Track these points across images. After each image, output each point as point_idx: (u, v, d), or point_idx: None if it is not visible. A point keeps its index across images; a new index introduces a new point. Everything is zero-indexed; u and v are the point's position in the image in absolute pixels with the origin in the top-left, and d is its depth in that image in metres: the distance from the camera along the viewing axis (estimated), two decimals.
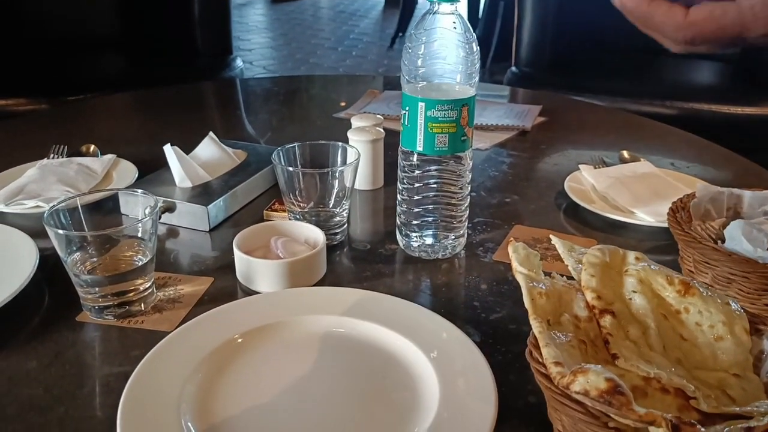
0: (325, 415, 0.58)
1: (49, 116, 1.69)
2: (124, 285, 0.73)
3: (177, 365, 0.61)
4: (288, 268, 0.76)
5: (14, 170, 1.09)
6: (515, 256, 0.59)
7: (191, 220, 0.94)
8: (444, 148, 0.78)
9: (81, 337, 0.70)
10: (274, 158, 0.87)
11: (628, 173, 1.04)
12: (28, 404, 0.60)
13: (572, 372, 0.46)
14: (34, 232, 0.85)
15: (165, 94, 1.74)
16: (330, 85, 2.02)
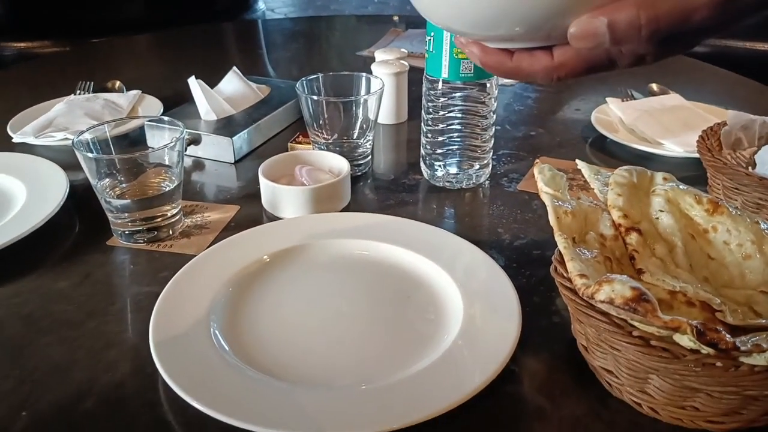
0: (350, 331, 0.59)
1: (73, 56, 1.69)
2: (153, 210, 0.74)
3: (206, 282, 0.62)
4: (313, 195, 0.76)
5: (42, 105, 1.10)
6: (540, 177, 0.58)
7: (216, 151, 0.94)
8: (469, 74, 0.77)
9: (111, 259, 0.72)
10: (299, 88, 0.86)
11: (657, 105, 1.02)
12: (60, 319, 0.62)
13: (597, 282, 0.46)
14: (62, 163, 0.86)
15: (186, 34, 1.73)
16: (352, 25, 1.99)
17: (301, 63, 1.51)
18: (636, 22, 0.34)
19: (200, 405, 0.48)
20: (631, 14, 0.34)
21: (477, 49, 0.41)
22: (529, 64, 0.39)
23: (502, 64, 0.40)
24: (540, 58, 0.38)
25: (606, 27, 0.35)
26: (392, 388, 0.51)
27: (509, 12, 0.36)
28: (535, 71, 0.39)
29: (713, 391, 0.44)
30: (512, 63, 0.40)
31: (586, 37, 0.35)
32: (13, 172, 0.85)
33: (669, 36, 0.35)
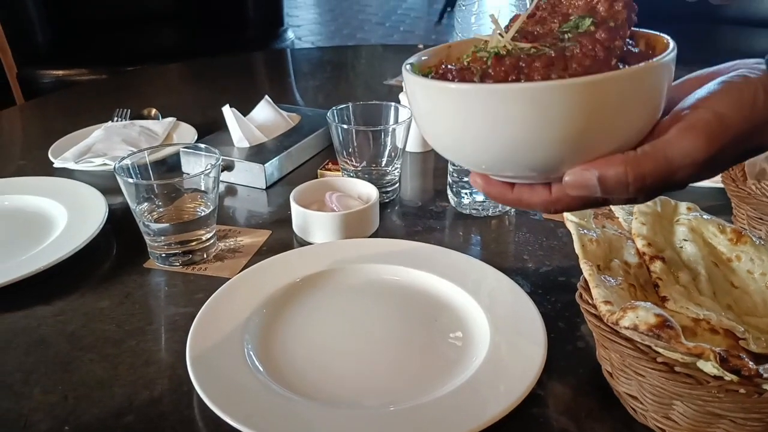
0: (379, 354, 0.61)
1: (110, 84, 1.75)
2: (188, 234, 0.77)
3: (240, 304, 0.65)
4: (342, 221, 0.78)
5: (81, 131, 1.14)
6: None
7: (249, 177, 0.98)
8: None
9: (148, 281, 0.75)
10: (329, 117, 0.89)
11: None
12: (102, 338, 0.65)
13: (622, 309, 0.48)
14: (101, 188, 0.90)
15: (218, 63, 1.78)
16: (378, 54, 2.03)
17: (329, 91, 1.55)
18: (624, 179, 0.38)
19: (234, 422, 0.50)
20: (619, 171, 0.37)
21: (481, 180, 0.44)
22: (528, 197, 0.42)
23: (503, 195, 0.43)
24: (539, 192, 0.42)
25: (596, 180, 0.38)
26: (419, 409, 0.53)
27: (512, 160, 0.40)
28: (534, 203, 0.42)
29: (737, 418, 0.45)
30: (513, 195, 0.43)
31: (578, 187, 0.39)
32: (54, 195, 0.89)
33: (655, 188, 0.39)
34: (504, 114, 0.37)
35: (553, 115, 0.36)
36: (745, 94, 0.38)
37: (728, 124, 0.37)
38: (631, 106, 0.38)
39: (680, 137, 0.37)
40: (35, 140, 1.18)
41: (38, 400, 0.57)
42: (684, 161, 0.37)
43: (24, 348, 0.63)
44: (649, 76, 0.38)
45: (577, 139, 0.38)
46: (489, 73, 0.39)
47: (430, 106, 0.41)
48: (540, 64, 0.38)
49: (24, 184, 0.94)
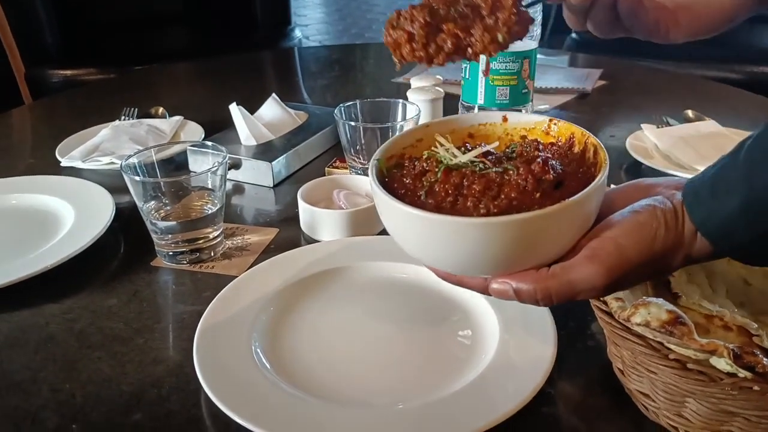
0: (387, 351, 0.61)
1: (118, 84, 1.75)
2: (195, 233, 0.77)
3: (248, 302, 0.65)
4: (350, 218, 0.78)
5: (89, 130, 1.14)
6: None
7: (256, 176, 0.97)
8: (505, 101, 0.78)
9: (156, 279, 0.75)
10: (336, 114, 0.89)
11: (693, 132, 1.02)
12: (110, 336, 0.65)
13: (633, 305, 0.47)
14: (108, 186, 0.90)
15: (226, 62, 1.78)
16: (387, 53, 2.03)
17: (336, 90, 1.54)
18: (533, 295, 0.44)
19: (242, 420, 0.50)
20: (529, 288, 0.44)
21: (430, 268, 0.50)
22: (469, 281, 0.48)
23: (447, 277, 0.50)
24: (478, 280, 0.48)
25: (513, 291, 0.45)
26: (428, 408, 0.52)
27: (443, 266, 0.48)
28: (473, 287, 0.48)
29: (750, 415, 0.45)
30: (455, 278, 0.49)
31: (499, 293, 0.46)
32: (62, 194, 0.89)
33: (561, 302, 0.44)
34: (434, 236, 0.44)
35: (474, 244, 0.43)
36: (645, 230, 0.42)
37: (627, 257, 0.42)
38: (545, 239, 0.43)
39: (584, 264, 0.43)
40: (43, 139, 1.18)
41: (46, 397, 0.57)
42: (584, 286, 0.43)
43: (32, 346, 0.63)
44: (564, 215, 0.42)
45: (496, 263, 0.44)
46: (434, 189, 0.46)
47: (381, 208, 0.47)
48: (477, 187, 0.45)
49: (32, 182, 0.94)
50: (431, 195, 0.46)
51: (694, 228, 0.42)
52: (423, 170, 0.48)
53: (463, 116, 0.55)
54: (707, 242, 0.42)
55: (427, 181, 0.47)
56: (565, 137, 0.53)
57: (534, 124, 0.55)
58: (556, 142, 0.53)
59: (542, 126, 0.54)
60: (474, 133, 0.55)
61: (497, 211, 0.43)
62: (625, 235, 0.42)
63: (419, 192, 0.47)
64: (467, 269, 0.47)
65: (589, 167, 0.49)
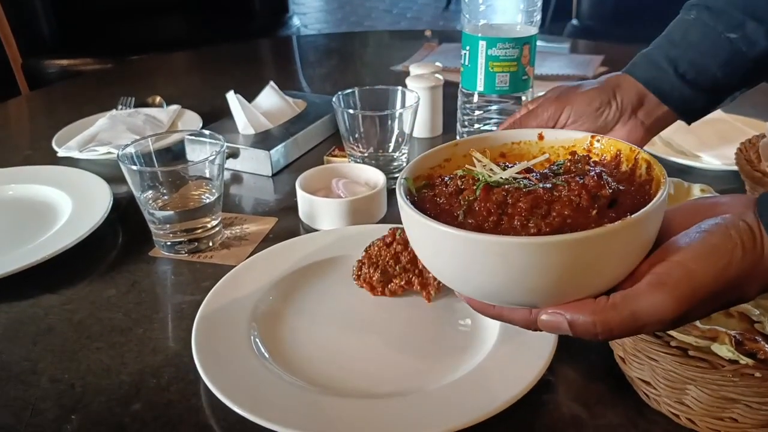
0: (387, 340, 0.60)
1: (115, 73, 1.75)
2: (194, 222, 0.76)
3: (247, 291, 0.64)
4: (349, 207, 0.77)
5: (86, 120, 1.14)
6: None
7: (254, 165, 0.97)
8: (505, 87, 0.78)
9: (154, 269, 0.74)
10: (335, 102, 0.88)
11: None
12: (109, 326, 0.64)
13: None
14: (105, 176, 0.90)
15: (223, 51, 1.77)
16: (385, 41, 2.02)
17: (335, 78, 1.53)
18: (591, 329, 0.38)
19: (241, 410, 0.50)
20: (587, 320, 0.38)
21: (465, 297, 0.45)
22: (509, 315, 0.43)
23: (485, 311, 0.44)
24: (520, 312, 0.42)
25: (567, 324, 0.39)
26: (429, 396, 0.52)
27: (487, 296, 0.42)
28: (515, 321, 0.43)
29: (752, 402, 0.44)
30: (495, 311, 0.44)
31: (550, 327, 0.40)
32: (59, 185, 0.89)
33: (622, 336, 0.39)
34: (476, 260, 0.39)
35: (522, 269, 0.37)
36: (720, 253, 0.37)
37: (699, 286, 0.37)
38: (602, 262, 0.38)
39: (650, 293, 0.37)
40: (40, 130, 1.17)
41: (46, 388, 0.57)
42: (651, 319, 0.37)
43: (31, 337, 0.63)
44: (627, 234, 0.37)
45: (547, 291, 0.39)
46: (473, 208, 0.41)
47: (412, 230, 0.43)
48: (524, 205, 0.39)
49: (29, 173, 0.94)
50: (470, 215, 0.41)
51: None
52: (458, 189, 0.43)
53: (494, 134, 0.51)
54: None
55: (465, 200, 0.42)
56: (611, 154, 0.48)
57: (573, 141, 0.50)
58: (600, 161, 0.48)
59: (584, 143, 0.49)
60: (507, 152, 0.51)
61: (549, 230, 0.38)
62: (696, 259, 0.37)
63: (456, 212, 0.42)
64: (513, 299, 0.41)
65: (642, 184, 0.44)
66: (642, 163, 0.45)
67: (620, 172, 0.46)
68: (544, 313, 0.40)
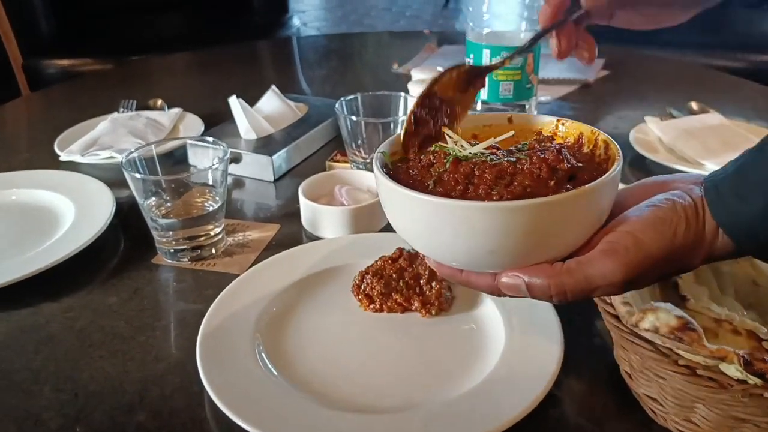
0: (392, 352, 0.60)
1: (115, 74, 1.74)
2: (197, 230, 0.76)
3: (251, 301, 0.64)
4: (352, 215, 0.77)
5: (87, 123, 1.13)
6: None
7: (256, 170, 0.96)
8: (508, 96, 0.77)
9: (157, 277, 0.74)
10: (338, 108, 0.88)
11: (697, 125, 1.01)
12: (111, 334, 0.64)
13: (641, 310, 0.46)
14: (107, 180, 0.89)
15: (224, 52, 1.76)
16: (385, 41, 2.01)
17: (336, 80, 1.53)
18: (546, 290, 0.42)
19: (246, 424, 0.49)
20: (543, 283, 0.42)
21: (433, 261, 0.48)
22: (476, 280, 0.46)
23: (453, 276, 0.47)
24: (485, 278, 0.45)
25: (525, 285, 0.43)
26: (434, 412, 0.52)
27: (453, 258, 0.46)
28: (480, 286, 0.46)
29: (760, 422, 0.44)
30: (462, 277, 0.47)
31: (509, 288, 0.44)
32: (61, 189, 0.88)
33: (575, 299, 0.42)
34: (443, 223, 0.42)
35: (484, 231, 0.41)
36: (666, 224, 0.41)
37: (646, 252, 0.40)
38: (558, 228, 0.41)
39: (601, 259, 0.41)
40: (41, 132, 1.17)
41: (48, 398, 0.56)
42: (602, 282, 0.41)
43: (33, 346, 0.63)
44: (580, 202, 0.41)
45: (507, 253, 0.42)
46: (443, 179, 0.45)
47: (385, 198, 0.46)
48: (489, 176, 0.43)
49: (31, 177, 0.93)
50: (440, 185, 0.44)
51: (716, 225, 0.41)
52: (430, 162, 0.47)
53: (468, 117, 0.54)
54: (730, 240, 0.40)
55: (436, 171, 0.46)
56: (574, 137, 0.52)
57: (541, 125, 0.54)
58: (565, 143, 0.52)
59: (550, 127, 0.53)
60: (478, 134, 0.54)
61: (510, 198, 0.42)
62: (644, 229, 0.41)
63: (427, 182, 0.45)
64: (475, 262, 0.45)
65: (600, 164, 0.48)
66: (601, 144, 0.49)
67: (582, 153, 0.50)
68: (505, 275, 0.44)
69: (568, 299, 0.42)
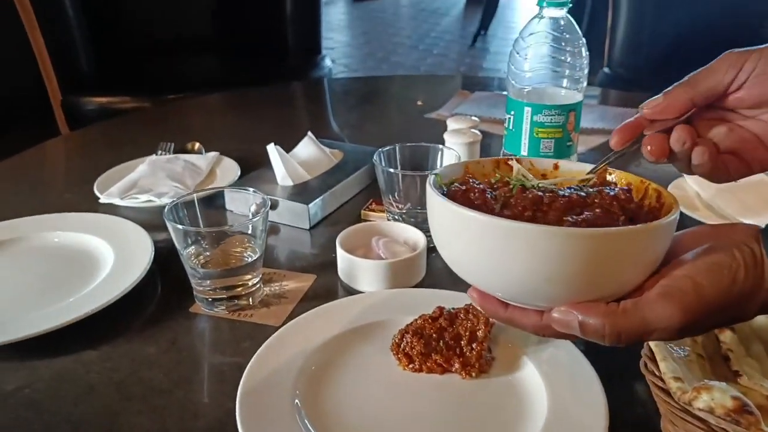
0: (431, 413, 0.59)
1: (152, 114, 1.78)
2: (234, 279, 0.76)
3: (290, 358, 0.64)
4: (390, 269, 0.77)
5: (126, 165, 1.15)
6: None
7: (292, 217, 0.97)
8: (549, 153, 0.78)
9: (194, 326, 0.74)
10: (375, 159, 0.89)
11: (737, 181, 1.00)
12: (150, 387, 0.64)
13: (695, 388, 0.45)
14: (144, 223, 0.91)
15: (258, 94, 1.79)
16: (417, 85, 2.04)
17: (369, 126, 1.54)
18: (601, 330, 0.41)
19: None
20: (597, 322, 0.41)
21: (476, 294, 0.47)
22: (520, 318, 0.45)
23: (496, 312, 0.46)
24: (531, 316, 0.44)
25: (577, 323, 0.41)
26: None
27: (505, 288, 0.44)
28: (525, 325, 0.45)
29: None
30: (506, 314, 0.45)
31: (561, 325, 0.42)
32: (100, 233, 0.90)
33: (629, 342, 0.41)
34: (506, 246, 0.41)
35: (547, 256, 0.40)
36: (725, 270, 0.40)
37: (705, 298, 0.39)
38: (621, 263, 0.41)
39: (659, 303, 0.40)
40: (80, 172, 1.19)
41: None
42: (659, 326, 0.40)
43: (72, 397, 0.63)
44: (644, 237, 0.41)
45: (564, 283, 0.41)
46: (510, 202, 0.44)
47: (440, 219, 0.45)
48: (559, 206, 0.43)
49: (73, 220, 0.94)
50: (506, 208, 0.44)
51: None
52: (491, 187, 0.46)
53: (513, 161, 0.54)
54: None
55: (501, 195, 0.45)
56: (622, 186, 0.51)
57: (585, 172, 0.54)
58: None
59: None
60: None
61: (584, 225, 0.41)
62: (702, 274, 0.40)
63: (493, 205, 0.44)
64: (527, 291, 0.43)
65: (649, 213, 0.48)
66: (652, 194, 0.50)
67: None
68: (557, 310, 0.42)
69: (622, 342, 0.41)
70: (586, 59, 0.76)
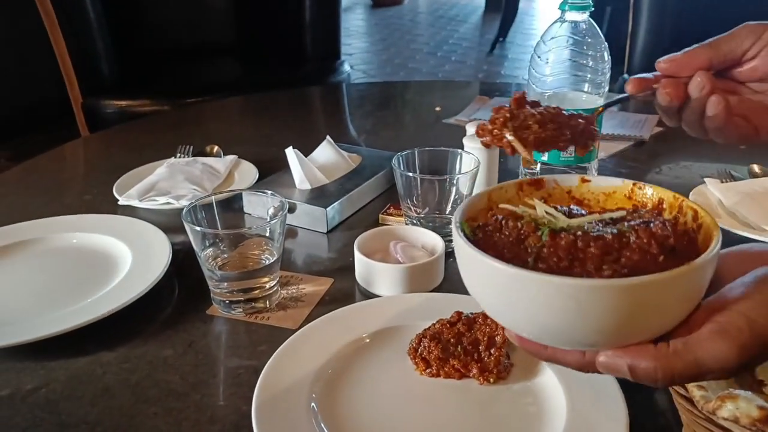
0: (446, 418, 0.59)
1: (171, 117, 1.79)
2: (251, 282, 0.76)
3: (306, 362, 0.63)
4: (408, 273, 0.76)
5: (145, 167, 1.16)
6: None
7: (310, 221, 0.97)
8: (570, 159, 0.77)
9: (211, 329, 0.74)
10: (394, 163, 0.88)
11: (760, 189, 0.99)
12: (166, 389, 0.64)
13: (719, 397, 0.44)
14: (162, 225, 0.91)
15: (277, 97, 1.80)
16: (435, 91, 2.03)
17: (387, 130, 1.54)
18: (653, 374, 0.39)
19: None
20: (649, 366, 0.39)
21: (515, 336, 0.45)
22: (563, 356, 0.43)
23: (538, 352, 0.44)
24: (574, 354, 0.43)
25: (627, 368, 0.40)
26: None
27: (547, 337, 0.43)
28: (568, 363, 0.43)
29: None
30: (548, 353, 0.44)
31: (609, 370, 0.41)
32: (119, 235, 0.90)
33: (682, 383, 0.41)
34: (546, 301, 0.39)
35: (594, 310, 0.38)
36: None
37: (760, 333, 0.38)
38: (668, 305, 0.39)
39: (712, 341, 0.38)
40: (99, 174, 1.20)
41: None
42: (714, 366, 0.38)
43: (89, 398, 0.63)
44: (690, 277, 0.39)
45: (612, 332, 0.40)
46: (542, 254, 0.42)
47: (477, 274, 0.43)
48: (595, 251, 0.41)
49: (92, 221, 0.95)
50: (540, 260, 0.42)
51: None
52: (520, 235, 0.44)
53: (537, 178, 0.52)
54: None
55: (533, 246, 0.43)
56: (653, 203, 0.49)
57: (614, 188, 0.52)
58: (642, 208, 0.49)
59: (624, 191, 0.51)
60: (551, 193, 0.52)
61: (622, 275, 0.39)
62: (756, 308, 0.38)
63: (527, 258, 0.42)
64: (575, 340, 0.42)
65: (686, 232, 0.45)
66: (688, 211, 0.47)
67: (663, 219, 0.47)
68: (603, 355, 0.41)
69: (675, 383, 0.40)
70: (608, 63, 0.75)
